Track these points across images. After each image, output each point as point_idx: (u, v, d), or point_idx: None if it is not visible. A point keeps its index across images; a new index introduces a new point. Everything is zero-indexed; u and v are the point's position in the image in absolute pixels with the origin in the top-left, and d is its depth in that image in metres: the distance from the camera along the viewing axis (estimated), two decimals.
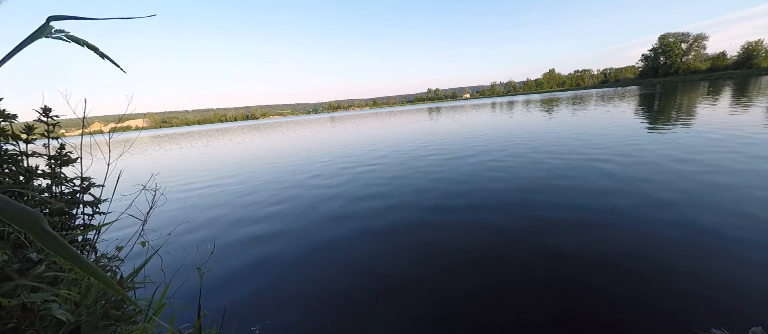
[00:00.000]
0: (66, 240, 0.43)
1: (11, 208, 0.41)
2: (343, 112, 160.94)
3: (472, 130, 12.72)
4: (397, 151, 9.27)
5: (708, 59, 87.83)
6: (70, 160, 2.04)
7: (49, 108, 1.97)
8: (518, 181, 4.94)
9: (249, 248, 3.45)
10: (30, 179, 1.78)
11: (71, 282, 1.48)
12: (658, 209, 3.36)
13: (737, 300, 1.98)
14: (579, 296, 2.15)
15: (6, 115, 1.76)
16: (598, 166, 5.32)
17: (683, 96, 20.77)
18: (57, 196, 1.95)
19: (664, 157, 5.44)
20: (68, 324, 1.00)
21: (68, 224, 1.93)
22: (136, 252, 2.21)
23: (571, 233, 3.03)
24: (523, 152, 7.12)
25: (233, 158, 11.75)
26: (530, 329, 1.92)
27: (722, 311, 1.90)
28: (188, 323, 1.95)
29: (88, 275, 0.44)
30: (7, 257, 1.07)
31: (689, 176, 4.33)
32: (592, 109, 17.06)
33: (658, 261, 2.45)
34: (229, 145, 17.87)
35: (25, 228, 0.40)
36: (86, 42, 0.65)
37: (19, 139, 1.84)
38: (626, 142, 7.03)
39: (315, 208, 4.63)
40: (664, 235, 2.84)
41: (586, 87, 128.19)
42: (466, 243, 3.06)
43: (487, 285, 2.37)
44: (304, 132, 23.43)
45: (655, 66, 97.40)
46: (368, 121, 29.27)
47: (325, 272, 2.82)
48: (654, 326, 1.84)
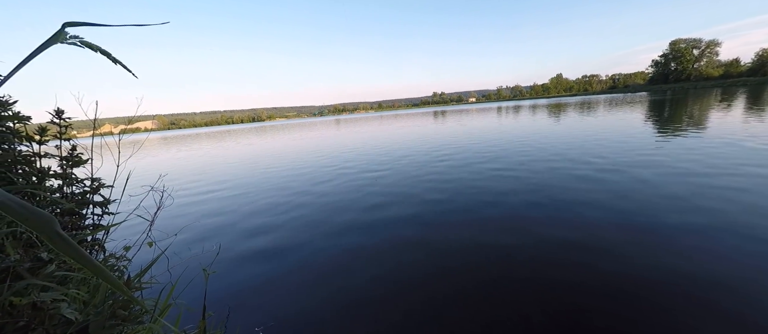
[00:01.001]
0: (76, 240, 0.44)
1: (24, 210, 0.41)
2: (348, 115, 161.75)
3: (484, 136, 12.67)
4: (404, 156, 9.27)
5: (721, 66, 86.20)
6: (81, 162, 2.07)
7: (62, 110, 2.01)
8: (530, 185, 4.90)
9: (254, 250, 3.46)
10: (42, 179, 1.82)
11: (80, 281, 1.50)
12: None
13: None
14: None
15: (20, 116, 1.80)
16: (635, 172, 5.24)
17: (695, 103, 20.45)
18: (68, 196, 1.98)
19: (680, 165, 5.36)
20: (77, 324, 1.02)
21: (78, 224, 1.96)
22: (143, 252, 2.24)
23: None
24: (542, 160, 7.07)
25: (240, 160, 11.86)
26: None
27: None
28: (193, 323, 1.96)
29: (98, 277, 0.45)
30: (19, 256, 1.09)
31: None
32: (607, 115, 16.87)
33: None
34: (237, 147, 18.05)
35: (37, 230, 0.41)
36: (99, 47, 0.66)
37: (32, 141, 1.88)
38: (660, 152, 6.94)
39: (323, 211, 4.64)
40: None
41: (594, 92, 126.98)
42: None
43: (489, 281, 2.35)
44: (309, 135, 23.57)
45: (666, 72, 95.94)
46: (373, 125, 29.34)
47: (331, 276, 2.82)
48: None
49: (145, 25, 0.66)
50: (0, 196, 0.39)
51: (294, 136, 23.94)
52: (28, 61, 0.50)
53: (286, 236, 3.77)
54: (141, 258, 2.41)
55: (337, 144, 14.47)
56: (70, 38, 0.58)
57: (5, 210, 0.39)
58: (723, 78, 79.11)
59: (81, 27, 0.59)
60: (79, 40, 0.59)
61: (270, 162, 10.50)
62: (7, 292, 0.97)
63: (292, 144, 16.86)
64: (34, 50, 0.52)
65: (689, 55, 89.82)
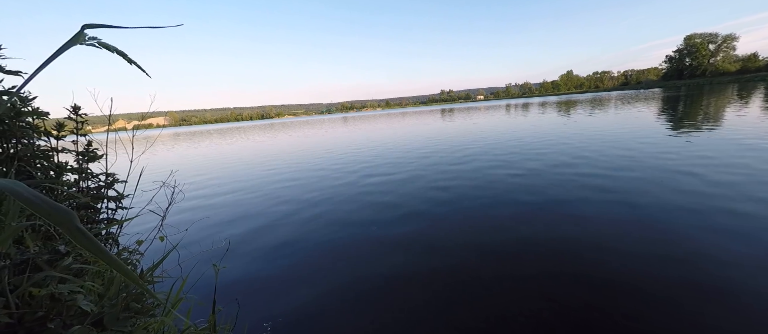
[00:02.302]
0: (91, 234, 0.46)
1: (46, 205, 0.43)
2: (356, 113, 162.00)
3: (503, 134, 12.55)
4: (405, 154, 9.26)
5: (738, 61, 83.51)
6: (96, 157, 2.13)
7: (79, 106, 2.07)
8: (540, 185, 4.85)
9: (263, 245, 3.51)
10: (60, 174, 1.88)
11: (95, 274, 1.55)
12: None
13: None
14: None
15: (39, 112, 1.86)
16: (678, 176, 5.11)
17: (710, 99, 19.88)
18: (83, 190, 2.04)
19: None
20: (92, 315, 1.05)
21: (93, 218, 2.02)
22: (155, 246, 2.29)
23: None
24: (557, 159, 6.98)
25: (251, 156, 12.00)
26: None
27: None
28: (202, 317, 2.00)
29: (115, 270, 0.46)
30: (38, 248, 1.13)
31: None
32: (629, 112, 16.55)
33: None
34: (246, 144, 18.26)
35: (59, 225, 0.42)
36: (116, 48, 0.68)
37: (50, 136, 1.94)
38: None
39: (335, 210, 4.65)
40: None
41: (606, 89, 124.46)
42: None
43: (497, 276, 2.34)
44: (317, 132, 23.69)
45: (680, 68, 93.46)
46: (382, 122, 29.32)
47: (339, 273, 2.84)
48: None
49: (159, 27, 0.68)
50: (25, 192, 0.40)
51: (306, 133, 24.09)
52: (50, 62, 0.52)
53: (294, 234, 3.81)
54: (153, 252, 2.47)
55: (347, 141, 14.52)
56: (89, 39, 0.59)
57: (29, 205, 0.40)
58: (740, 73, 76.62)
59: (99, 29, 0.60)
60: (97, 42, 0.61)
61: (280, 158, 10.60)
62: (26, 283, 1.01)
63: (303, 141, 16.98)
64: (56, 51, 0.54)
65: (704, 50, 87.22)
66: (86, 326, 1.00)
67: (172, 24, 1.05)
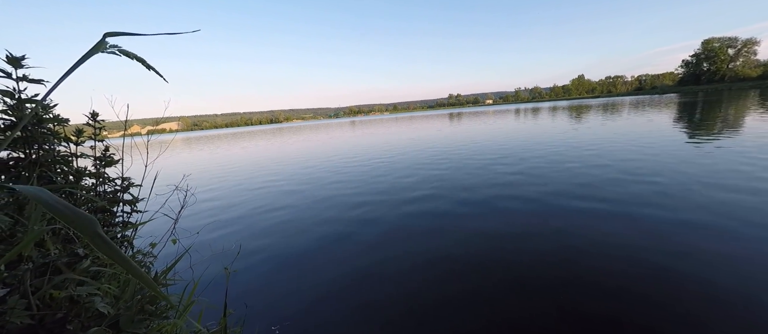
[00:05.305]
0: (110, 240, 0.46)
1: (70, 212, 0.44)
2: (363, 117, 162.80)
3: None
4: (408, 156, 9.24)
5: (759, 66, 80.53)
6: (113, 162, 2.18)
7: (97, 113, 2.13)
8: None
9: (274, 249, 3.53)
10: (79, 179, 1.93)
11: (110, 277, 1.58)
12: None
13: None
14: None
15: (59, 119, 1.92)
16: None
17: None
18: (101, 195, 2.09)
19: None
20: (109, 317, 1.07)
21: (109, 221, 2.06)
22: (168, 249, 2.32)
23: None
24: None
25: (261, 160, 12.15)
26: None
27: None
28: (213, 320, 2.01)
29: (133, 276, 0.47)
30: (58, 251, 1.16)
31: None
32: (652, 118, 16.21)
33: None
34: (255, 149, 18.51)
35: (81, 231, 0.43)
36: (135, 55, 0.69)
37: (70, 141, 2.00)
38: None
39: (345, 217, 4.65)
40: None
41: (619, 94, 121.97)
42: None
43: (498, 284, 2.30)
44: (325, 137, 23.87)
45: (697, 73, 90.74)
46: (390, 127, 29.37)
47: (346, 277, 2.83)
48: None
49: (177, 33, 0.69)
50: (49, 199, 0.41)
51: (317, 137, 24.28)
52: (74, 70, 0.53)
53: (305, 239, 3.83)
54: (165, 254, 2.51)
55: (358, 145, 14.58)
56: (110, 47, 0.61)
57: (54, 212, 0.41)
58: (761, 79, 74.01)
59: (119, 37, 0.62)
60: (117, 49, 0.63)
61: (288, 163, 10.70)
62: (47, 285, 1.03)
63: (313, 146, 17.11)
64: (79, 59, 0.55)
65: (723, 55, 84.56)
66: (103, 327, 1.02)
67: (188, 30, 1.07)
